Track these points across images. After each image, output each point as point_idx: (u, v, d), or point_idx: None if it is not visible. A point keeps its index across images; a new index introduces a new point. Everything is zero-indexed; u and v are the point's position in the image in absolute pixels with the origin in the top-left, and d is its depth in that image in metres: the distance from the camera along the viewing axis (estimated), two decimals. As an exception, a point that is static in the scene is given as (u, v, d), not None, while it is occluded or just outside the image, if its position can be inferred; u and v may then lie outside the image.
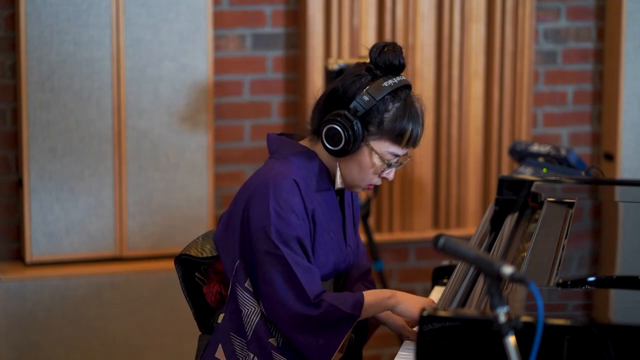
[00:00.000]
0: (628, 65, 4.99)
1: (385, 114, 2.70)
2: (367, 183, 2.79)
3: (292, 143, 2.81)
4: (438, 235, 2.12)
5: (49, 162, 4.37)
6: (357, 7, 4.72)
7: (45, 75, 4.33)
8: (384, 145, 2.73)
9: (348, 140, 2.69)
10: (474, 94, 4.92)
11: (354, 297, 2.72)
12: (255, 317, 2.72)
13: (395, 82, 2.72)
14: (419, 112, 2.74)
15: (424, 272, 4.96)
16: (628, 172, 5.03)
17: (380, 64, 2.73)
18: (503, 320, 2.01)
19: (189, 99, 4.48)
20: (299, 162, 2.77)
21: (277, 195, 2.69)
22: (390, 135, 2.71)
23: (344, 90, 2.73)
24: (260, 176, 2.75)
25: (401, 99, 2.72)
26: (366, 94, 2.69)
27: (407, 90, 2.75)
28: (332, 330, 2.69)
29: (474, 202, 4.98)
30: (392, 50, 2.74)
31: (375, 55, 2.74)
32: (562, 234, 2.87)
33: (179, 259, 2.89)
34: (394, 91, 2.71)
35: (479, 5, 4.87)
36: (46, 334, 4.36)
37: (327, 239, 2.79)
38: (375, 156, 2.73)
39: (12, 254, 4.51)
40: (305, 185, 2.74)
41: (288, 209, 2.68)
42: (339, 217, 2.85)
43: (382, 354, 4.95)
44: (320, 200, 2.78)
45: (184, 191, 4.51)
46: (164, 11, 4.42)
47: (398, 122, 2.70)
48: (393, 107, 2.71)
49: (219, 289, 2.87)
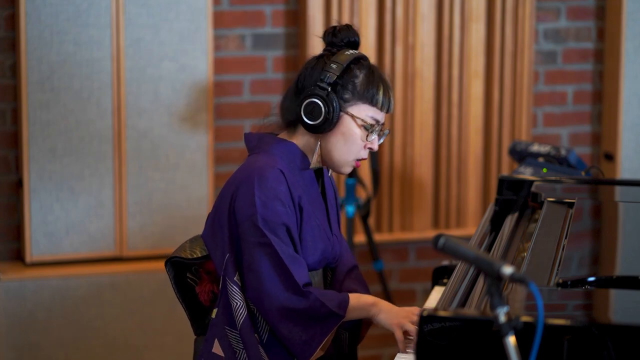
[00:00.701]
0: (628, 65, 4.99)
1: (355, 79, 2.76)
2: (354, 157, 2.80)
3: (270, 137, 2.84)
4: (438, 235, 2.12)
5: (49, 162, 4.37)
6: (357, 7, 4.71)
7: (45, 75, 4.33)
8: (362, 109, 2.77)
9: (328, 111, 2.74)
10: (474, 94, 4.92)
11: (340, 296, 2.74)
12: (243, 311, 2.73)
13: (356, 52, 2.80)
14: (385, 77, 2.81)
15: (424, 272, 4.96)
16: (628, 172, 5.03)
17: (338, 42, 2.81)
18: (503, 320, 2.01)
19: (189, 99, 4.48)
20: (280, 153, 2.79)
21: (262, 184, 2.71)
22: (365, 98, 2.77)
23: (309, 72, 2.79)
24: (244, 170, 2.78)
25: (365, 67, 2.79)
26: (333, 62, 2.76)
27: (367, 60, 2.83)
28: (317, 325, 2.70)
29: (474, 202, 4.98)
30: (346, 29, 2.82)
31: (330, 37, 2.83)
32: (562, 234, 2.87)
33: (170, 261, 2.91)
34: (356, 59, 2.78)
35: (479, 5, 4.87)
36: (46, 334, 4.36)
37: (315, 226, 2.80)
38: (357, 121, 2.77)
39: (12, 254, 4.51)
40: (291, 174, 2.76)
41: (274, 197, 2.70)
42: (322, 206, 2.87)
43: (382, 354, 4.96)
44: (305, 189, 2.80)
45: (184, 191, 4.51)
46: (164, 11, 4.42)
47: (370, 84, 2.77)
48: (360, 73, 2.77)
49: (211, 287, 2.88)
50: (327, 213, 2.90)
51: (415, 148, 4.88)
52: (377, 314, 2.77)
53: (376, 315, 2.77)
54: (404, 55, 4.80)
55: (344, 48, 2.81)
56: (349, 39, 2.81)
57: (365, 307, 2.77)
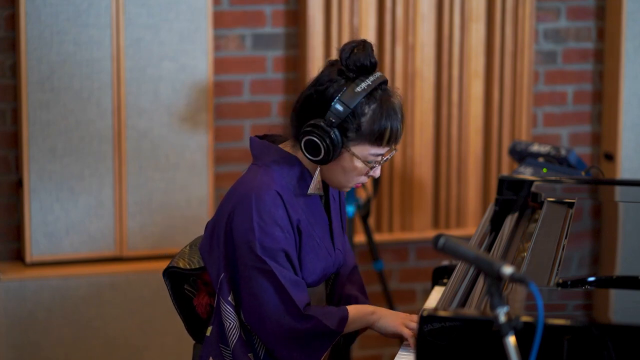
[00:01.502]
0: (628, 65, 4.99)
1: (362, 118, 2.66)
2: (353, 183, 2.77)
3: (274, 148, 2.78)
4: (438, 235, 2.12)
5: (49, 162, 4.37)
6: (357, 7, 4.71)
7: (45, 75, 4.33)
8: (364, 148, 2.69)
9: (327, 151, 2.66)
10: (474, 94, 4.91)
11: (339, 313, 2.73)
12: (236, 332, 2.73)
13: (369, 83, 2.66)
14: (396, 109, 2.68)
15: (424, 272, 4.96)
16: (628, 172, 5.03)
17: (352, 66, 2.66)
18: (503, 320, 2.01)
19: (189, 99, 4.48)
20: (280, 169, 2.74)
21: (260, 208, 2.67)
22: (370, 138, 2.67)
23: (317, 97, 2.68)
24: (243, 186, 2.73)
25: (376, 100, 2.67)
26: (339, 103, 2.64)
27: (383, 85, 2.70)
28: (315, 344, 2.70)
29: (474, 202, 4.98)
30: (362, 50, 2.67)
31: (345, 57, 2.67)
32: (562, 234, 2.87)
33: (167, 272, 2.88)
34: (368, 94, 2.66)
35: (479, 5, 4.87)
36: (46, 334, 4.36)
37: (314, 246, 2.77)
38: (357, 160, 2.70)
39: (12, 254, 4.51)
40: (289, 194, 2.72)
41: (272, 223, 2.67)
42: (325, 222, 2.83)
43: (382, 354, 4.96)
44: (304, 208, 2.76)
45: (184, 191, 4.51)
46: (164, 11, 4.42)
47: (376, 123, 2.66)
48: (369, 109, 2.66)
49: (208, 300, 2.86)
50: (330, 227, 2.86)
51: (415, 148, 4.88)
52: (376, 321, 2.76)
53: (376, 322, 2.76)
54: (404, 55, 4.80)
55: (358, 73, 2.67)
56: (363, 63, 2.66)
57: (365, 317, 2.77)
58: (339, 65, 2.69)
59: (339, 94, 2.65)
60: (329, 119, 2.65)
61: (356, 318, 2.75)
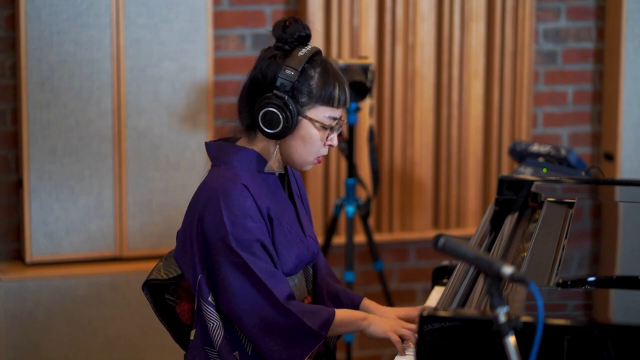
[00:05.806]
0: (628, 65, 4.99)
1: (311, 82, 2.73)
2: (315, 156, 2.78)
3: (230, 146, 2.80)
4: (438, 235, 2.12)
5: (49, 162, 4.37)
6: (357, 7, 4.72)
7: (45, 75, 4.33)
8: (319, 111, 2.74)
9: (286, 118, 2.71)
10: (474, 94, 4.92)
11: (324, 314, 2.71)
12: (220, 331, 2.72)
13: (309, 49, 2.75)
14: (338, 71, 2.78)
15: (424, 272, 4.96)
16: (628, 172, 5.03)
17: (288, 38, 2.75)
18: (503, 320, 2.01)
19: (189, 99, 4.48)
20: (240, 163, 2.75)
21: (228, 203, 2.68)
22: (322, 100, 2.73)
23: (263, 75, 2.74)
24: (207, 186, 2.74)
25: (319, 64, 2.75)
26: (287, 68, 2.71)
27: (320, 54, 2.79)
28: (298, 346, 2.69)
29: (474, 202, 4.98)
30: (295, 22, 2.77)
31: (280, 32, 2.76)
32: (562, 234, 2.87)
33: (147, 285, 2.89)
34: (310, 58, 2.74)
35: (479, 5, 4.87)
36: (46, 334, 4.36)
37: (285, 233, 2.78)
38: (316, 124, 2.74)
39: (12, 254, 4.51)
40: (254, 185, 2.73)
41: (243, 215, 2.68)
42: (291, 210, 2.84)
43: (382, 354, 4.96)
44: (270, 197, 2.77)
45: (184, 191, 4.51)
46: (164, 11, 4.42)
47: (326, 84, 2.73)
48: (315, 72, 2.74)
49: (190, 306, 2.86)
50: (297, 215, 2.87)
51: (415, 148, 4.88)
52: (367, 327, 2.76)
53: (367, 328, 2.76)
54: (404, 55, 4.80)
55: (295, 44, 2.75)
56: (299, 33, 2.76)
57: (356, 322, 2.76)
58: (274, 44, 2.77)
59: (284, 61, 2.72)
60: (280, 86, 2.71)
61: (345, 321, 2.74)
